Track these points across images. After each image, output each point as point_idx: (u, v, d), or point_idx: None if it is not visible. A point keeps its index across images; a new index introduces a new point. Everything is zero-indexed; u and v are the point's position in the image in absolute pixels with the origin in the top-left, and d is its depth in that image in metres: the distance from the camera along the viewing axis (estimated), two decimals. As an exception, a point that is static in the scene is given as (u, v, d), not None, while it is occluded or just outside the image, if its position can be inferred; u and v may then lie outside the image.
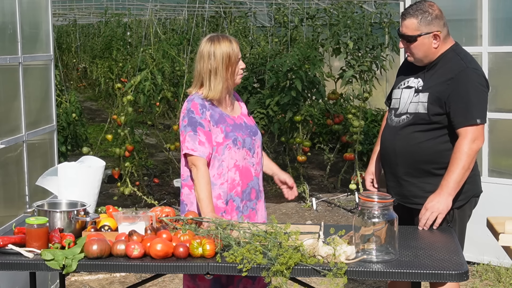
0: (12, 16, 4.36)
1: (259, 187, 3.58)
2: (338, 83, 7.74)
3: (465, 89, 3.35)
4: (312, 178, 8.96)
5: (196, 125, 3.39)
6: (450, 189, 3.32)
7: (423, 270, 2.71)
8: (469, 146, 3.31)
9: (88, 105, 16.15)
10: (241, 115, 3.59)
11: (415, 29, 3.42)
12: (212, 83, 3.43)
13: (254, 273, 2.76)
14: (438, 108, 3.39)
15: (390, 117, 3.59)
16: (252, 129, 3.57)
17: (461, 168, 3.31)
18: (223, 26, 11.23)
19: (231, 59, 3.44)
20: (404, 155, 3.47)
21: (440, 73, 3.44)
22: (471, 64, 3.45)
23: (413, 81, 3.53)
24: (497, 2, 5.31)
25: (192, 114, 3.41)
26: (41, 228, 2.91)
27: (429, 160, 3.43)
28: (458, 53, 3.49)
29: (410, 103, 3.48)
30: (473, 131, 3.32)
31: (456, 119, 3.35)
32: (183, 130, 3.43)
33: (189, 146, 3.38)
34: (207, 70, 3.44)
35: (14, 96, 4.41)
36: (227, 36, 3.50)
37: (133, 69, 8.86)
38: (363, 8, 8.86)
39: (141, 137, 7.82)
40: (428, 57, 3.47)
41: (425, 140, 3.43)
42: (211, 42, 3.45)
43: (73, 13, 15.57)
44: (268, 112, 7.51)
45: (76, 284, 5.21)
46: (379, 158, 3.73)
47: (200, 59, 3.47)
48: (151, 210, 3.25)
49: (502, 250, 3.14)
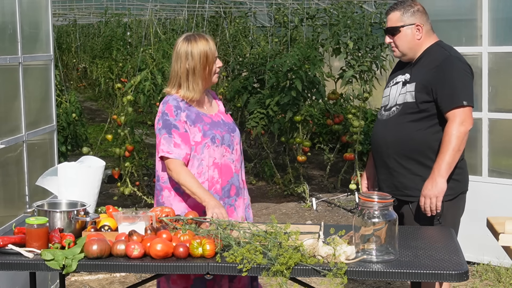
0: (12, 16, 4.36)
1: (240, 184, 3.57)
2: (338, 83, 7.74)
3: (450, 74, 3.45)
4: (312, 178, 8.96)
5: (170, 127, 3.39)
6: (442, 171, 3.39)
7: (423, 270, 2.71)
8: (457, 129, 3.39)
9: (88, 105, 16.16)
10: (218, 113, 3.59)
11: (398, 20, 3.57)
12: (191, 83, 3.43)
13: (254, 273, 2.76)
14: (425, 96, 3.47)
15: (380, 113, 3.69)
16: (230, 126, 3.57)
17: (452, 150, 3.38)
18: (223, 26, 11.23)
19: (209, 58, 3.43)
20: (395, 146, 3.54)
21: (425, 64, 3.55)
22: (455, 53, 3.57)
23: (401, 77, 3.63)
24: (497, 2, 5.31)
25: (167, 116, 3.41)
26: (41, 228, 2.91)
27: (419, 150, 3.50)
28: (443, 46, 3.62)
29: (399, 95, 3.57)
30: (461, 113, 3.41)
31: (443, 103, 3.44)
32: (158, 133, 3.43)
33: (165, 148, 3.37)
34: (185, 70, 3.43)
35: (14, 96, 4.41)
36: (203, 35, 3.49)
37: (133, 69, 8.86)
38: (363, 8, 8.87)
39: (141, 137, 7.82)
40: (412, 49, 3.58)
41: (415, 130, 3.49)
42: (188, 42, 3.44)
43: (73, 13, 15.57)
44: (268, 112, 7.50)
45: (76, 284, 5.21)
46: (373, 162, 3.78)
47: (177, 59, 3.45)
48: (151, 210, 3.25)
49: (502, 250, 3.13)
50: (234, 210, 3.53)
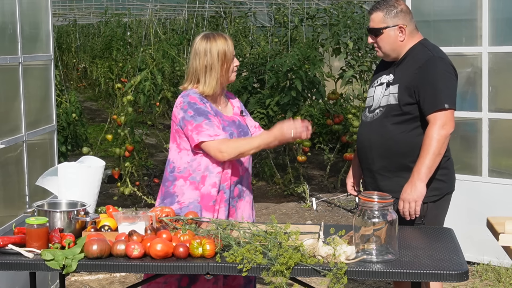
0: (12, 16, 4.36)
1: (243, 187, 3.58)
2: (338, 83, 7.75)
3: (432, 76, 3.41)
4: (312, 178, 8.96)
5: (206, 113, 3.41)
6: (421, 175, 3.36)
7: (423, 270, 2.71)
8: (438, 132, 3.36)
9: (88, 105, 16.15)
10: (233, 115, 3.61)
11: (381, 21, 3.52)
12: (208, 79, 3.45)
13: (254, 273, 2.76)
14: (408, 98, 3.44)
15: (365, 114, 3.65)
16: (244, 129, 3.59)
17: (431, 154, 3.35)
18: (223, 26, 11.23)
19: (227, 56, 3.46)
20: (379, 149, 3.52)
21: (408, 65, 3.51)
22: (438, 54, 3.51)
23: (385, 77, 3.60)
24: (497, 2, 5.30)
25: (196, 105, 3.42)
26: (41, 228, 2.91)
27: (403, 153, 3.48)
28: (426, 45, 3.56)
29: (383, 97, 3.55)
30: (442, 116, 3.37)
31: (425, 106, 3.41)
32: (190, 120, 3.39)
33: (211, 133, 3.36)
34: (203, 66, 3.46)
35: (14, 96, 4.41)
36: (222, 34, 3.54)
37: (133, 69, 8.87)
38: (363, 8, 8.87)
39: (141, 137, 7.82)
40: (395, 50, 3.54)
41: (398, 132, 3.48)
42: (206, 40, 3.48)
43: (73, 13, 15.58)
44: (268, 112, 7.50)
45: (76, 284, 5.21)
46: (358, 162, 3.77)
47: (196, 56, 3.48)
48: (151, 210, 3.25)
49: (502, 250, 3.13)
50: (235, 211, 3.54)
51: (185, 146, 3.47)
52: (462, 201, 3.65)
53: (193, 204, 3.42)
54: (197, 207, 3.42)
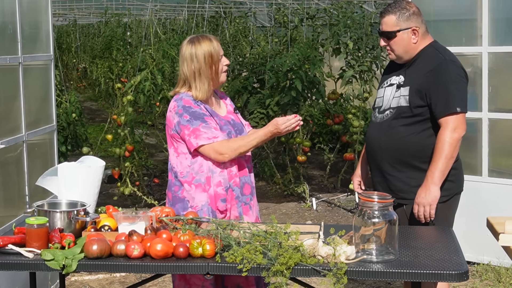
0: (12, 16, 4.36)
1: (252, 183, 3.61)
2: (338, 83, 7.74)
3: (444, 80, 3.42)
4: (312, 178, 8.96)
5: (202, 116, 3.42)
6: (435, 179, 3.38)
7: (423, 270, 2.71)
8: (450, 135, 3.38)
9: (88, 105, 16.15)
10: (227, 114, 3.61)
11: (394, 25, 3.51)
12: (198, 84, 3.45)
13: (254, 273, 2.76)
14: (419, 100, 3.45)
15: (374, 115, 3.67)
16: (239, 126, 3.61)
17: (444, 158, 3.37)
18: (223, 26, 11.23)
19: (213, 58, 3.46)
20: (389, 150, 3.53)
21: (419, 67, 3.52)
22: (450, 57, 3.52)
23: (395, 79, 3.60)
24: (497, 2, 5.30)
25: (191, 108, 3.43)
26: (41, 228, 2.91)
27: (413, 154, 3.49)
28: (437, 48, 3.57)
29: (393, 99, 3.55)
30: (454, 120, 3.39)
31: (437, 109, 3.42)
32: (187, 125, 3.40)
33: (209, 135, 3.38)
34: (192, 72, 3.46)
35: (14, 96, 4.41)
36: (207, 36, 3.53)
37: (133, 69, 8.87)
38: (363, 8, 8.87)
39: (141, 137, 7.82)
40: (408, 53, 3.55)
41: (409, 134, 3.49)
42: (191, 44, 3.48)
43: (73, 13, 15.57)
44: (268, 112, 7.50)
45: (76, 284, 5.21)
46: (365, 161, 3.79)
47: (183, 62, 3.49)
48: (151, 210, 3.25)
49: (502, 250, 3.13)
50: (249, 209, 3.55)
51: (183, 150, 3.47)
52: (462, 201, 3.65)
53: (206, 207, 3.43)
54: (209, 209, 3.43)
